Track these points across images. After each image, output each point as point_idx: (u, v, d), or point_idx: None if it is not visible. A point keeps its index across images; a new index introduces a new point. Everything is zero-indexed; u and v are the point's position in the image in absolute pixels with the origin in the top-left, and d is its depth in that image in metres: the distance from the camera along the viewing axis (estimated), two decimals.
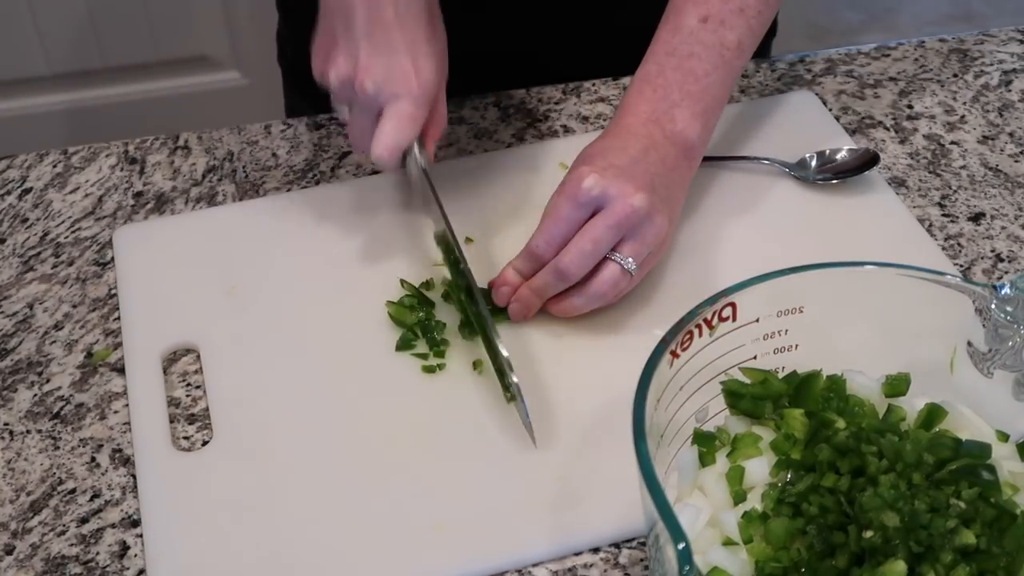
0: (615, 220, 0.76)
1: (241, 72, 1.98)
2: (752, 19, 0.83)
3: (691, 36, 0.82)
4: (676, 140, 0.81)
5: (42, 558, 0.70)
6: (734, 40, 0.82)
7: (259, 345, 0.81)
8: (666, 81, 0.81)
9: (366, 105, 0.78)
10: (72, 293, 0.87)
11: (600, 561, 0.69)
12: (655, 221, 0.77)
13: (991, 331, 0.63)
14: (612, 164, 0.78)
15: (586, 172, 0.77)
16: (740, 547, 0.58)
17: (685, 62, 0.81)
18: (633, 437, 0.55)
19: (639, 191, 0.76)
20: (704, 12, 0.82)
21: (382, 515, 0.71)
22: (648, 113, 0.81)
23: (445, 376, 0.79)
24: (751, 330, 0.65)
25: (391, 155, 0.78)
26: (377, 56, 0.76)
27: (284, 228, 0.90)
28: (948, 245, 0.88)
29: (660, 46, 0.83)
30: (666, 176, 0.80)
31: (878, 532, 0.55)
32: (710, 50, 0.81)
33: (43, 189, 0.96)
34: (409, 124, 0.78)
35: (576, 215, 0.77)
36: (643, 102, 0.81)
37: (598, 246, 0.76)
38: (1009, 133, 0.99)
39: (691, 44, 0.81)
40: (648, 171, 0.78)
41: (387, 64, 0.76)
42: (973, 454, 0.58)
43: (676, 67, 0.81)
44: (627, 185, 0.76)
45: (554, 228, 0.78)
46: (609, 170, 0.77)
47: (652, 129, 0.80)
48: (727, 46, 0.82)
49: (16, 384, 0.80)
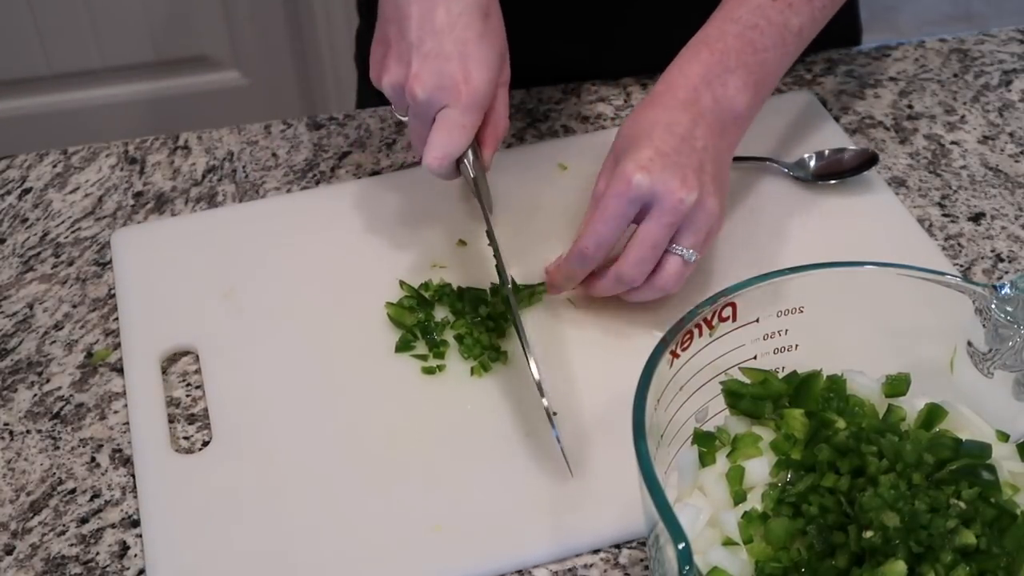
0: (669, 219, 0.75)
1: (241, 72, 1.98)
2: (818, 9, 0.82)
3: (758, 9, 0.80)
4: (725, 107, 0.79)
5: (42, 558, 0.70)
6: (797, 25, 0.81)
7: (258, 347, 0.81)
8: (725, 46, 0.79)
9: (418, 112, 0.78)
10: (72, 293, 0.87)
11: (600, 561, 0.69)
12: (707, 207, 0.76)
13: (991, 331, 0.63)
14: (659, 151, 0.75)
15: (630, 167, 0.75)
16: (740, 547, 0.58)
17: (747, 32, 0.80)
18: (633, 437, 0.55)
19: (686, 182, 0.75)
20: None
21: (382, 516, 0.71)
22: (700, 75, 0.79)
23: (444, 377, 0.79)
24: (751, 330, 0.65)
25: (440, 164, 0.78)
26: (428, 63, 0.77)
27: (282, 230, 0.90)
28: (948, 245, 0.88)
29: (724, 11, 0.81)
30: (714, 149, 0.78)
31: (878, 532, 0.55)
32: (774, 27, 0.80)
33: (43, 189, 0.96)
34: (459, 133, 0.78)
35: (626, 212, 0.75)
36: (697, 63, 0.79)
37: (657, 250, 0.76)
38: (1009, 133, 0.99)
39: (756, 16, 0.80)
40: (695, 149, 0.76)
41: (437, 71, 0.76)
42: (973, 454, 0.58)
43: (737, 35, 0.79)
44: (675, 178, 0.75)
45: (603, 228, 0.76)
46: (656, 161, 0.75)
47: (702, 93, 0.78)
48: (790, 29, 0.81)
49: (16, 384, 0.80)
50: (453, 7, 0.77)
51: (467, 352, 0.79)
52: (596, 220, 0.76)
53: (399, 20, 0.78)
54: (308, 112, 1.67)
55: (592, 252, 0.77)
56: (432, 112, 0.78)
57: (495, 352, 0.79)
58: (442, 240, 0.88)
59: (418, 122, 0.79)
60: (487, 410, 0.76)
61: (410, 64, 0.77)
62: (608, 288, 0.79)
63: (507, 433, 0.75)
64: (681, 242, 0.77)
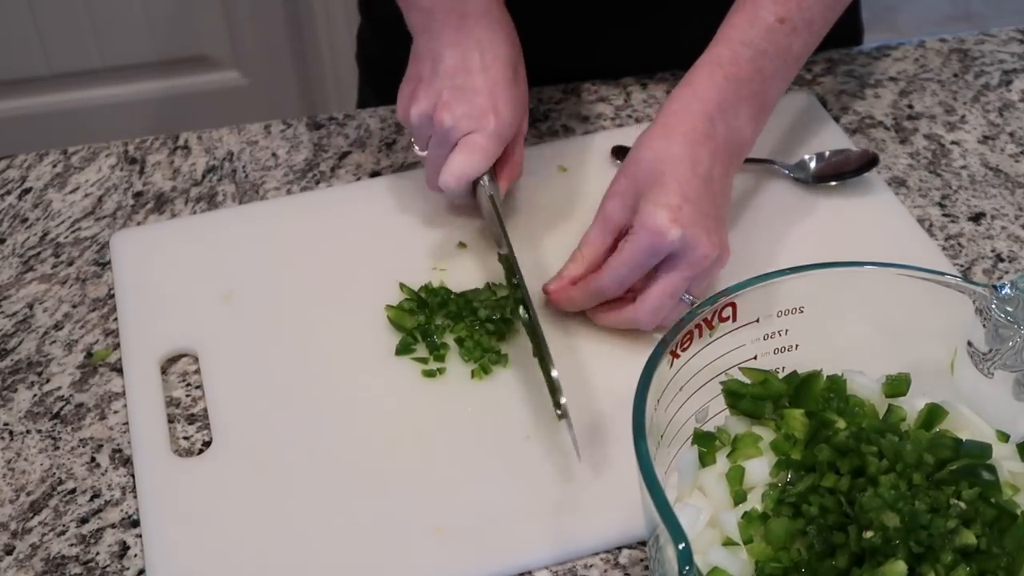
0: (691, 273, 0.76)
1: (241, 72, 1.98)
2: (814, 34, 0.82)
3: (768, 33, 0.79)
4: (735, 138, 0.79)
5: (42, 558, 0.70)
6: (798, 50, 0.81)
7: (257, 349, 0.81)
8: (739, 72, 0.79)
9: (442, 138, 0.81)
10: (72, 293, 0.86)
11: (600, 561, 0.69)
12: (722, 261, 0.78)
13: (991, 331, 0.63)
14: (686, 198, 0.75)
15: (666, 221, 0.74)
16: (740, 547, 0.58)
17: (758, 58, 0.79)
18: (633, 437, 0.55)
19: (711, 238, 0.75)
20: (782, 13, 0.80)
21: (382, 519, 0.71)
22: (717, 103, 0.78)
23: (445, 380, 0.78)
24: (751, 330, 0.65)
25: (457, 182, 0.81)
26: (458, 94, 0.80)
27: (282, 231, 0.90)
28: (948, 245, 0.88)
29: (735, 32, 0.80)
30: (727, 188, 0.79)
31: (878, 532, 0.55)
32: (779, 53, 0.80)
33: (43, 189, 0.96)
34: (480, 154, 0.80)
35: (651, 261, 0.76)
36: (714, 89, 0.78)
37: (675, 300, 0.77)
38: (1009, 133, 0.99)
39: (766, 41, 0.79)
40: (714, 194, 0.77)
41: (468, 101, 0.80)
42: (973, 454, 0.58)
43: (750, 60, 0.79)
44: (702, 234, 0.75)
45: (626, 272, 0.76)
46: (685, 211, 0.75)
47: (718, 124, 0.78)
48: (792, 54, 0.81)
49: (16, 384, 0.80)
50: (487, 53, 0.81)
51: (467, 355, 0.79)
52: (620, 263, 0.76)
53: (433, 59, 0.81)
54: (308, 112, 1.67)
55: (610, 292, 0.78)
56: (455, 138, 0.80)
57: (496, 355, 0.79)
58: (442, 242, 0.88)
59: (439, 150, 0.82)
60: (487, 412, 0.76)
61: (440, 94, 0.80)
62: (617, 323, 0.79)
63: (507, 435, 0.75)
64: (692, 291, 0.78)
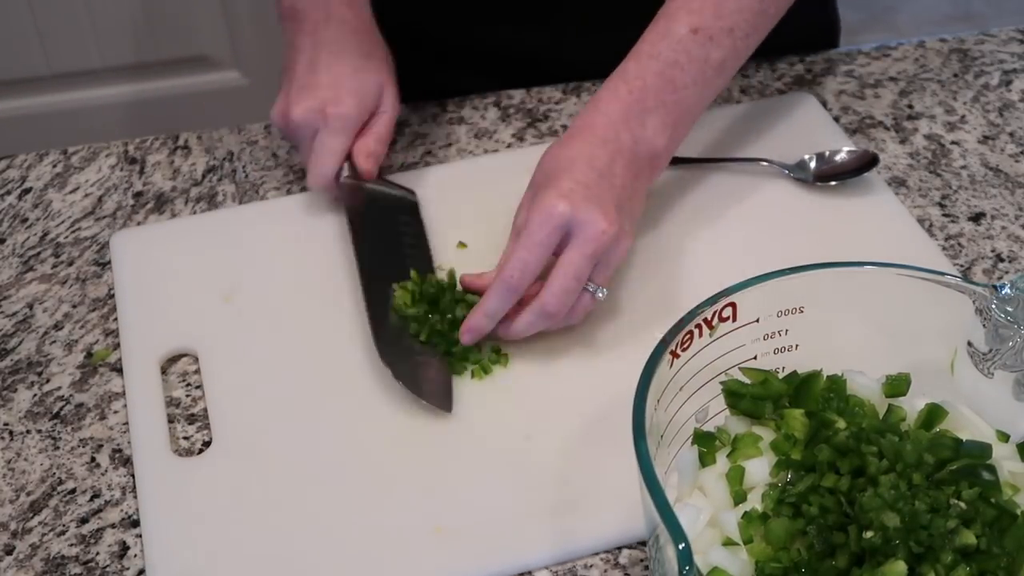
0: (591, 249, 0.75)
1: (241, 72, 1.98)
2: (739, 40, 0.81)
3: (679, 44, 0.80)
4: (643, 147, 0.79)
5: (42, 558, 0.70)
6: (718, 59, 0.81)
7: (257, 349, 0.81)
8: (644, 84, 0.80)
9: (297, 136, 0.89)
10: (72, 293, 0.86)
11: (600, 561, 0.69)
12: (621, 244, 0.77)
13: (991, 331, 0.63)
14: (579, 183, 0.76)
15: (552, 196, 0.76)
16: (740, 547, 0.58)
17: (667, 69, 0.80)
18: (633, 437, 0.55)
19: (607, 216, 0.75)
20: (696, 23, 0.80)
21: (382, 518, 0.71)
22: (619, 113, 0.79)
23: None
24: (751, 330, 0.65)
25: (316, 184, 0.88)
26: (304, 92, 0.87)
27: (281, 231, 0.90)
28: (948, 245, 0.88)
29: (645, 47, 0.81)
30: (630, 187, 0.79)
31: (878, 532, 0.55)
32: (694, 63, 0.80)
33: (43, 189, 0.96)
34: (328, 157, 0.87)
35: (549, 240, 0.76)
36: (616, 101, 0.80)
37: (580, 281, 0.76)
38: (1009, 133, 0.99)
39: (677, 52, 0.80)
40: (614, 186, 0.77)
41: (311, 96, 0.87)
42: (973, 454, 0.58)
43: (657, 72, 0.80)
44: (596, 210, 0.75)
45: (527, 255, 0.76)
46: (577, 192, 0.76)
47: (621, 132, 0.79)
48: (711, 63, 0.81)
49: (16, 384, 0.80)
50: (334, 49, 0.88)
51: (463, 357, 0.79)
52: (519, 248, 0.76)
53: (291, 67, 0.89)
54: None
55: (517, 280, 0.76)
56: (308, 134, 0.87)
57: (495, 355, 0.79)
58: (443, 243, 0.88)
59: (301, 146, 0.89)
60: (487, 412, 0.76)
61: (289, 99, 0.88)
62: (528, 324, 0.78)
63: (507, 435, 0.75)
64: (595, 279, 0.77)
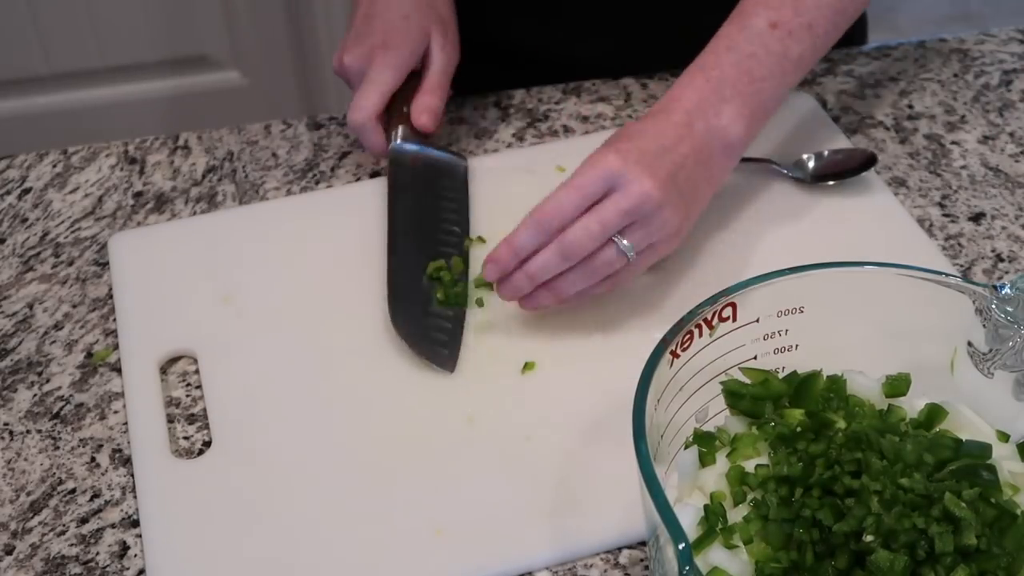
0: (627, 205, 0.75)
1: (241, 72, 1.98)
2: (818, 37, 0.82)
3: (757, 37, 0.80)
4: (717, 135, 0.79)
5: (42, 558, 0.70)
6: (797, 53, 0.81)
7: (257, 350, 0.81)
8: (721, 74, 0.80)
9: (351, 80, 0.92)
10: (72, 293, 0.86)
11: (600, 561, 0.69)
12: (664, 213, 0.76)
13: (991, 331, 0.63)
14: (638, 147, 0.76)
15: (608, 151, 0.76)
16: (740, 547, 0.58)
17: (744, 61, 0.80)
18: (633, 437, 0.55)
19: (655, 179, 0.75)
20: (775, 18, 0.80)
21: (382, 519, 0.71)
22: (695, 102, 0.79)
23: (445, 380, 0.78)
24: (751, 330, 0.65)
25: (353, 117, 0.89)
26: (358, 38, 0.91)
27: (281, 231, 0.90)
28: (948, 245, 0.88)
29: (722, 40, 0.81)
30: (694, 170, 0.78)
31: (878, 533, 0.55)
32: (772, 56, 0.80)
33: (43, 189, 0.96)
34: (371, 88, 0.89)
35: (591, 189, 0.75)
36: (692, 90, 0.80)
37: (606, 228, 0.75)
38: (1009, 133, 0.99)
39: (755, 45, 0.80)
40: (674, 162, 0.77)
41: (362, 43, 0.90)
42: (973, 454, 0.58)
43: (734, 63, 0.80)
44: (645, 171, 0.75)
45: (564, 196, 0.75)
46: (633, 153, 0.76)
47: (695, 118, 0.79)
48: (789, 58, 0.81)
49: (16, 384, 0.80)
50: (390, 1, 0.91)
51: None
52: (559, 188, 0.76)
53: (352, 19, 0.93)
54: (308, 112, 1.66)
55: (548, 217, 0.75)
56: (359, 79, 0.90)
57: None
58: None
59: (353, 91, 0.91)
60: (487, 413, 0.76)
61: (345, 46, 0.91)
62: (545, 261, 0.76)
63: (507, 436, 0.75)
64: (626, 235, 0.76)
